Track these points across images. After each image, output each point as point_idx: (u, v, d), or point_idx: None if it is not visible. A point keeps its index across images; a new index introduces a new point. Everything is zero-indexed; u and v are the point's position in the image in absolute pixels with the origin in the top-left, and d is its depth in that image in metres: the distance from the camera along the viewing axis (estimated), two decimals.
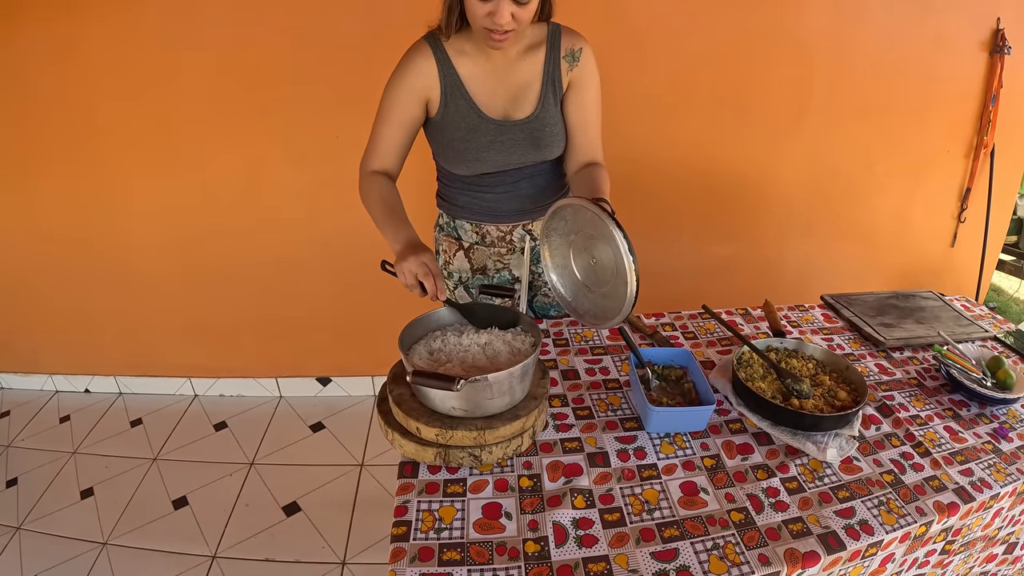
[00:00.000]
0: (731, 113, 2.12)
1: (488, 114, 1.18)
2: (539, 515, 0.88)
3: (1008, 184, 2.40)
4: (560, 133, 1.23)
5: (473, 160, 1.20)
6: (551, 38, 1.18)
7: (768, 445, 1.05)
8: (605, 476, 0.95)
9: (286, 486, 2.03)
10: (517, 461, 0.98)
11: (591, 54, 1.21)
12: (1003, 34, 2.09)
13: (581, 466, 0.97)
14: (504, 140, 1.19)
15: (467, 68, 1.16)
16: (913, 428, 1.12)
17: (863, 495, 0.95)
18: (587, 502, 0.90)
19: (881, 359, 1.36)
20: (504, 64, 1.16)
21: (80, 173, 2.11)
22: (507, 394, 0.94)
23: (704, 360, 1.30)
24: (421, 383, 0.86)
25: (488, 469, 0.96)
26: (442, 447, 0.93)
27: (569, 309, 1.14)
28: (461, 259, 1.36)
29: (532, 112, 1.19)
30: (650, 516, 0.89)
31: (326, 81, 1.96)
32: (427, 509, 0.89)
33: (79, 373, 2.51)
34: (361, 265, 2.18)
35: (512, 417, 0.95)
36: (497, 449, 0.95)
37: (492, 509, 0.89)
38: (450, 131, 1.19)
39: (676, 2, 1.94)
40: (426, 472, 0.95)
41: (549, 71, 1.18)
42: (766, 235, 2.36)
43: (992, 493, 0.97)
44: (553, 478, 0.94)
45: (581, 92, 1.22)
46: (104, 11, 1.87)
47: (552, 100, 1.19)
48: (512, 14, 0.99)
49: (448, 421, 0.93)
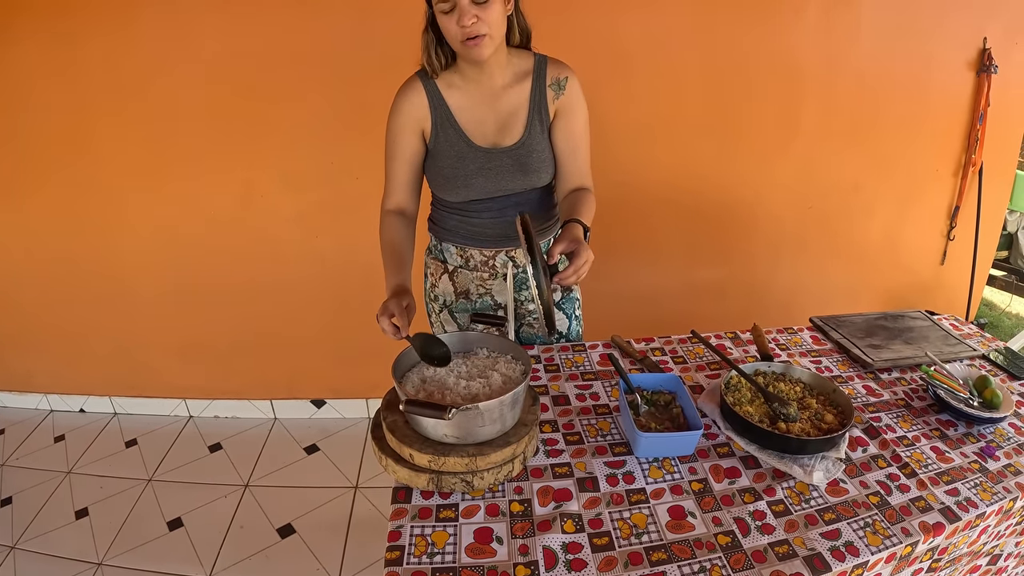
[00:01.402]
0: (721, 136, 2.17)
1: (476, 142, 1.23)
2: (529, 539, 0.90)
3: (996, 201, 2.45)
4: (547, 160, 1.27)
5: (462, 187, 1.25)
6: (537, 68, 1.24)
7: (755, 468, 1.07)
8: (594, 501, 0.98)
9: (281, 508, 2.05)
10: (508, 486, 1.00)
11: (577, 82, 1.26)
12: (989, 53, 2.15)
13: (571, 491, 1.00)
14: (492, 167, 1.23)
15: (456, 99, 1.22)
16: (900, 449, 1.14)
17: (849, 517, 0.96)
18: (576, 526, 0.92)
19: (869, 380, 1.38)
20: (491, 94, 1.22)
21: (74, 192, 2.15)
22: (498, 421, 0.97)
23: (693, 384, 1.32)
24: (414, 412, 0.89)
25: (480, 494, 0.98)
26: (435, 473, 0.96)
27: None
28: (446, 282, 1.40)
29: (519, 139, 1.24)
30: (638, 540, 0.91)
31: (320, 104, 2.01)
32: (420, 534, 0.91)
33: (74, 393, 2.53)
34: (355, 288, 2.23)
35: (503, 444, 0.98)
36: (488, 475, 0.98)
37: (483, 534, 0.91)
38: (441, 159, 1.24)
39: (665, 26, 2.00)
40: (419, 497, 0.98)
41: (535, 100, 1.24)
42: (757, 257, 2.40)
43: (978, 512, 0.99)
44: (543, 503, 0.97)
45: (568, 119, 1.26)
46: (100, 30, 1.91)
47: (539, 128, 1.24)
48: (476, 16, 1.06)
49: (440, 448, 0.96)
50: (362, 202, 2.10)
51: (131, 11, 1.88)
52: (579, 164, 1.30)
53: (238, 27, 1.91)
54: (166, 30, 1.91)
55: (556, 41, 1.34)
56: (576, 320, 1.52)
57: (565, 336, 1.51)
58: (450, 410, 0.87)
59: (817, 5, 2.03)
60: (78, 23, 1.90)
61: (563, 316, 1.49)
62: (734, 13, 2.00)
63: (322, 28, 1.91)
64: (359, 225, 2.14)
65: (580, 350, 1.42)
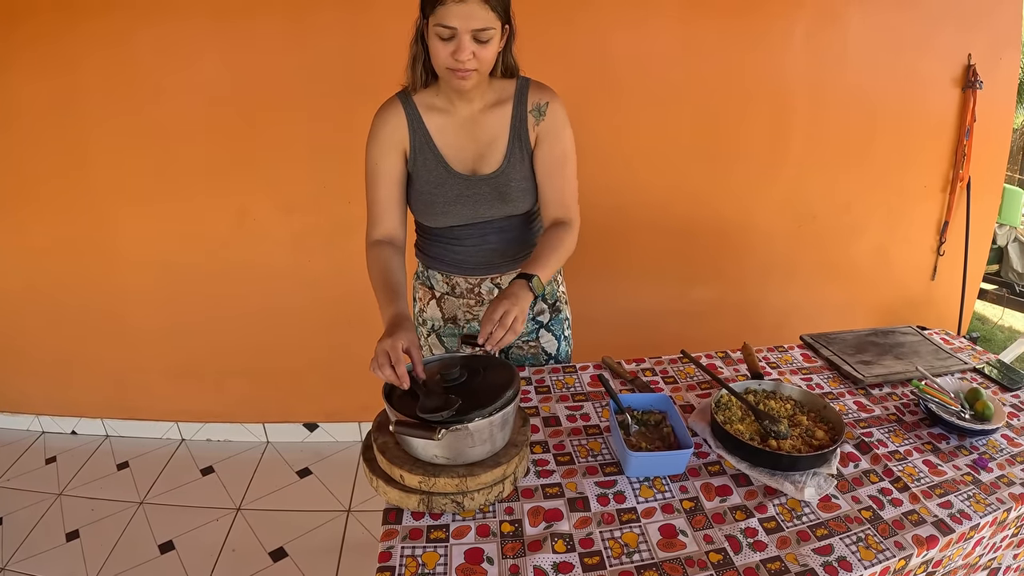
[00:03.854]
0: (711, 158, 2.21)
1: (455, 168, 1.21)
2: (520, 559, 0.91)
3: (985, 215, 2.49)
4: (528, 188, 1.25)
5: (441, 213, 1.24)
6: (519, 93, 1.21)
7: (747, 486, 1.08)
8: (585, 520, 0.99)
9: (273, 531, 2.05)
10: (499, 507, 1.01)
11: (559, 107, 1.23)
12: (974, 69, 2.21)
13: (561, 511, 1.01)
14: (471, 195, 1.22)
15: (435, 123, 1.20)
16: (891, 464, 1.15)
17: (841, 532, 0.97)
18: (567, 546, 0.94)
19: (860, 396, 1.40)
20: (471, 119, 1.20)
21: (69, 215, 2.18)
22: (488, 442, 0.99)
23: (684, 404, 1.34)
24: (404, 432, 0.91)
25: (470, 515, 1.00)
26: (425, 494, 0.98)
27: None
28: (434, 307, 1.40)
29: (498, 168, 1.22)
30: (629, 559, 0.92)
31: (313, 128, 2.05)
32: (411, 555, 0.92)
33: (66, 415, 2.53)
34: (348, 312, 2.26)
35: (493, 464, 0.99)
36: (479, 495, 0.99)
37: (474, 554, 0.92)
38: (419, 184, 1.23)
39: (654, 49, 2.05)
40: (410, 518, 0.99)
41: (515, 126, 1.21)
42: (749, 277, 2.43)
43: (972, 524, 1.00)
44: (534, 523, 0.98)
45: (549, 145, 1.23)
46: (96, 53, 1.96)
47: (519, 155, 1.22)
48: (473, 52, 1.05)
49: (431, 469, 0.98)
50: (355, 226, 2.12)
51: (127, 34, 1.93)
52: (558, 191, 1.25)
53: (233, 51, 1.95)
54: (162, 54, 1.95)
55: (544, 65, 1.38)
56: (565, 341, 1.52)
57: (554, 357, 1.51)
58: (439, 431, 0.89)
59: (804, 27, 2.09)
60: (74, 46, 1.95)
61: (551, 337, 1.49)
62: (722, 36, 2.06)
63: (315, 53, 1.96)
64: (352, 249, 2.16)
65: (571, 371, 1.44)
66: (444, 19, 1.02)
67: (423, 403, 0.94)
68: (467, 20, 1.01)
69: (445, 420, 0.91)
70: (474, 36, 1.04)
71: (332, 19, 1.92)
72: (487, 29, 1.04)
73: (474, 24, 1.02)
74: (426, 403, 0.94)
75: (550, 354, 1.50)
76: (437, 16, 1.03)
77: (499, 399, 0.97)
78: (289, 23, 1.92)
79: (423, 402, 0.94)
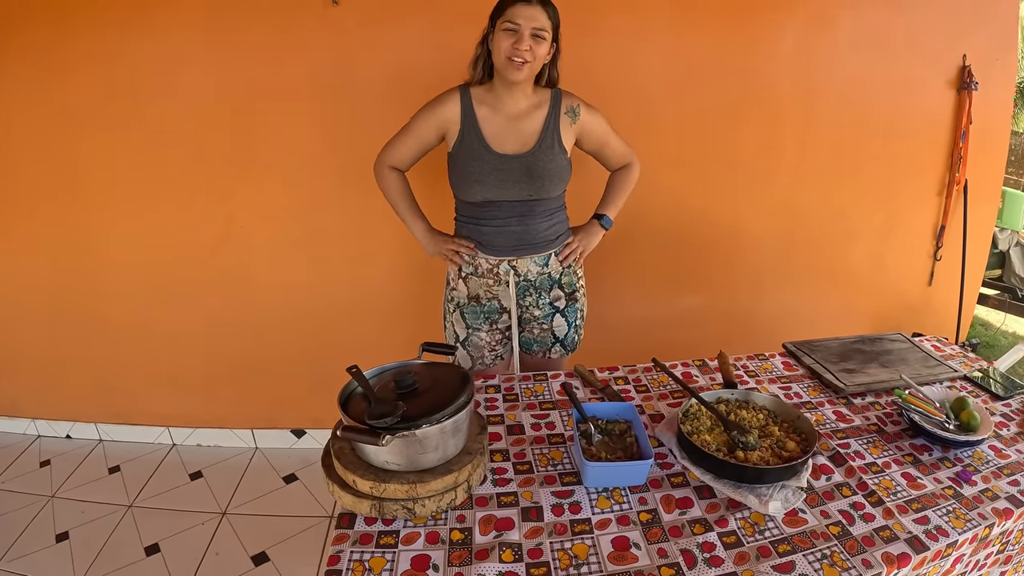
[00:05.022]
0: (702, 165, 2.21)
1: (494, 148, 1.46)
2: (466, 568, 0.92)
3: (983, 219, 2.45)
4: (555, 172, 1.49)
5: (476, 182, 1.46)
6: (554, 99, 1.51)
7: (710, 499, 1.07)
8: (536, 530, 0.99)
9: (256, 536, 2.07)
10: (452, 514, 1.02)
11: (586, 105, 1.54)
12: (969, 70, 2.19)
13: (514, 520, 1.01)
14: (503, 169, 1.45)
15: (484, 113, 1.47)
16: (867, 476, 1.13)
17: (806, 548, 0.96)
18: (515, 556, 0.94)
19: (840, 406, 1.38)
20: (514, 115, 1.47)
21: (60, 223, 2.23)
22: (439, 449, 1.00)
23: (654, 413, 1.34)
24: (350, 438, 0.93)
25: (422, 522, 1.01)
26: (376, 499, 0.99)
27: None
28: (462, 285, 1.62)
29: (529, 149, 1.47)
30: (577, 571, 0.91)
31: (296, 140, 2.08)
32: (358, 559, 0.94)
33: (61, 419, 2.59)
34: (334, 319, 2.30)
35: (444, 472, 1.01)
36: (430, 502, 1.00)
37: (420, 561, 0.93)
38: (462, 159, 1.47)
39: (642, 57, 2.05)
40: (362, 523, 1.00)
41: (550, 123, 1.49)
42: (741, 284, 2.42)
43: (949, 541, 0.97)
44: (484, 532, 0.99)
45: (591, 129, 1.56)
46: (86, 64, 2.00)
47: (549, 143, 1.48)
48: (530, 46, 1.34)
49: (382, 474, 0.99)
50: (338, 236, 2.20)
51: (117, 46, 1.98)
52: (616, 151, 1.64)
53: (219, 65, 1.99)
54: (151, 65, 2.00)
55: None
56: (574, 329, 1.71)
57: (560, 341, 1.70)
58: (384, 436, 0.91)
59: (795, 33, 2.09)
60: (65, 59, 2.00)
61: (564, 323, 1.68)
62: (713, 42, 2.06)
63: (300, 67, 2.00)
64: (336, 258, 2.24)
65: (541, 379, 1.45)
66: (512, 17, 1.33)
67: (371, 409, 0.96)
68: (530, 20, 1.33)
69: (390, 426, 0.92)
70: (533, 33, 1.34)
71: (316, 36, 1.95)
72: (543, 31, 1.35)
73: (535, 24, 1.33)
74: (374, 410, 0.95)
75: (558, 338, 1.69)
76: (506, 15, 1.34)
77: (449, 406, 0.98)
78: (275, 38, 1.96)
79: (371, 408, 0.96)
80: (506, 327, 1.66)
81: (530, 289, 1.60)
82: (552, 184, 1.50)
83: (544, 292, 1.62)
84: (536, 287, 1.61)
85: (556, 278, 1.62)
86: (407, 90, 1.87)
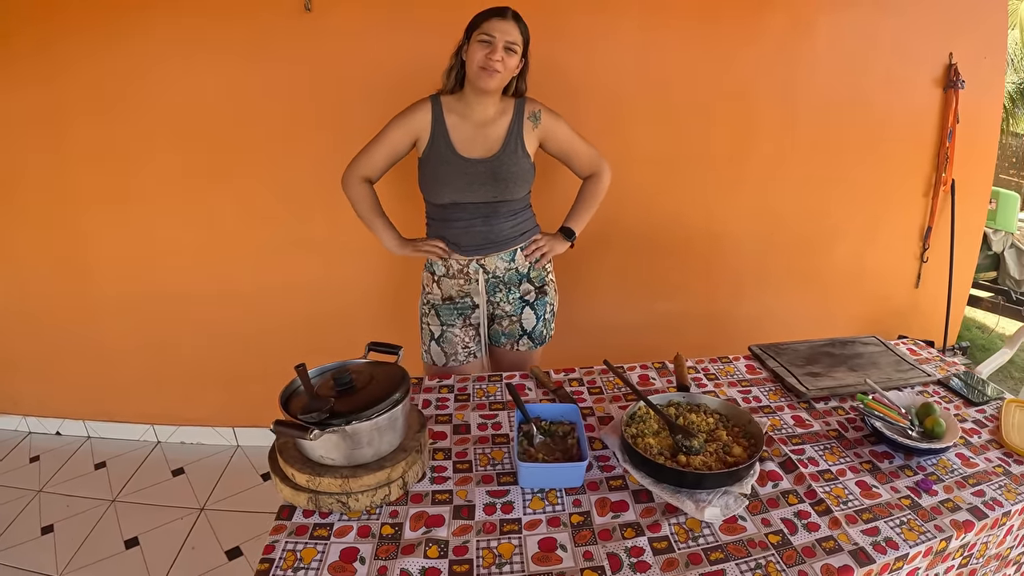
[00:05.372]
0: (675, 165, 2.21)
1: (462, 153, 1.55)
2: (391, 562, 0.94)
3: (971, 220, 2.42)
4: (519, 175, 1.58)
5: (443, 185, 1.56)
6: (517, 106, 1.60)
7: (647, 503, 1.07)
8: (465, 528, 1.01)
9: (232, 531, 2.12)
10: (386, 509, 1.05)
11: (547, 110, 1.63)
12: (956, 68, 2.17)
13: (444, 517, 1.04)
14: (469, 172, 1.54)
15: (453, 120, 1.56)
16: (817, 484, 1.11)
17: (740, 557, 0.93)
18: (441, 552, 0.96)
19: (801, 411, 1.36)
20: (482, 121, 1.56)
21: (53, 228, 2.31)
22: (372, 445, 1.03)
23: (604, 415, 1.35)
24: (281, 432, 0.97)
25: (357, 516, 1.04)
26: (312, 492, 1.03)
27: None
28: (435, 288, 1.71)
29: (494, 154, 1.56)
30: (499, 570, 0.92)
31: (276, 148, 2.15)
32: (291, 549, 0.97)
33: (52, 416, 2.66)
34: (311, 320, 2.35)
35: (377, 467, 1.04)
36: (364, 497, 1.03)
37: (349, 553, 0.96)
38: (431, 164, 1.57)
39: (610, 57, 2.07)
40: (300, 516, 1.04)
41: (513, 129, 1.59)
42: (719, 288, 2.41)
43: (899, 554, 0.94)
44: (414, 527, 1.01)
45: (553, 134, 1.65)
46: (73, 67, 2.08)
47: (513, 148, 1.57)
48: (502, 57, 1.44)
49: (318, 468, 1.03)
50: (319, 242, 2.26)
51: (105, 50, 2.05)
52: (582, 158, 1.72)
53: (198, 75, 2.06)
54: (128, 73, 2.06)
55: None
56: (543, 322, 1.78)
57: (528, 334, 1.76)
58: (312, 431, 0.94)
59: (773, 37, 2.10)
60: (54, 61, 2.07)
61: (533, 315, 1.75)
62: (680, 44, 2.07)
63: (279, 74, 2.06)
64: (313, 262, 2.29)
65: (496, 380, 1.48)
66: (488, 29, 1.44)
67: (305, 405, 0.99)
68: (504, 33, 1.45)
69: (318, 421, 0.96)
70: (506, 46, 1.45)
71: (290, 42, 2.01)
72: (515, 44, 1.47)
73: (508, 37, 1.45)
74: (307, 406, 0.99)
75: (526, 330, 1.76)
76: (482, 28, 1.45)
77: (380, 403, 1.02)
78: (253, 47, 2.02)
79: (305, 404, 0.99)
80: (479, 323, 1.72)
81: (500, 285, 1.69)
82: (516, 186, 1.59)
83: (514, 287, 1.70)
84: (505, 282, 1.69)
85: (524, 273, 1.70)
86: (381, 95, 1.93)
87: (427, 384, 1.47)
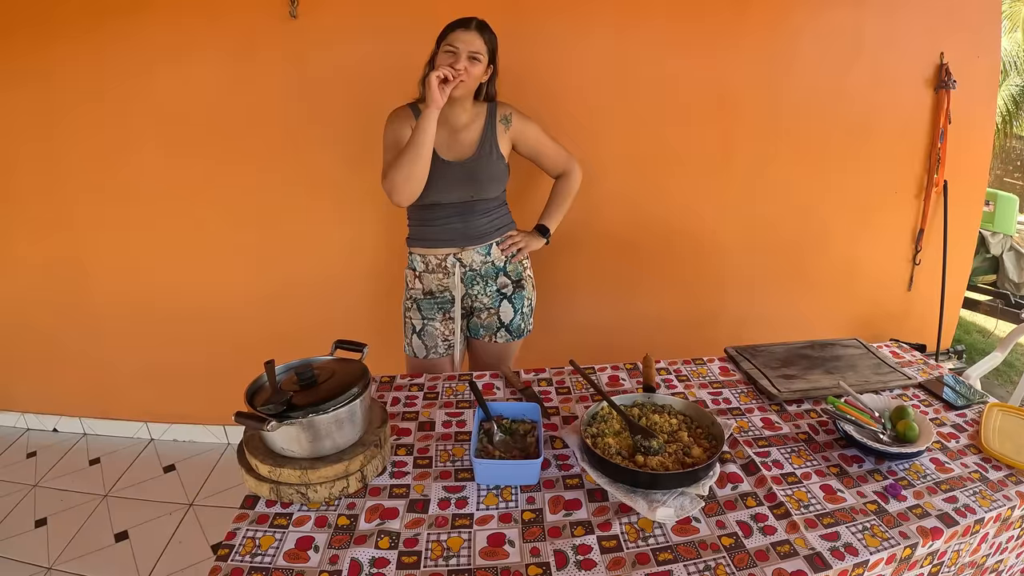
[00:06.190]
0: (652, 166, 2.23)
1: (439, 155, 1.61)
2: (343, 551, 0.99)
3: (964, 221, 2.40)
4: (494, 176, 1.69)
5: (426, 187, 1.60)
6: (489, 110, 1.70)
7: (602, 502, 1.09)
8: (418, 521, 1.06)
9: (218, 527, 2.20)
10: (345, 501, 1.11)
11: (518, 112, 1.73)
12: (947, 68, 2.16)
13: (399, 510, 1.08)
14: (447, 174, 1.63)
15: None
16: (779, 487, 1.11)
17: (689, 558, 0.94)
18: (392, 543, 1.00)
19: (771, 413, 1.38)
20: (456, 126, 1.66)
21: (50, 227, 2.40)
22: (330, 438, 1.09)
23: (569, 415, 1.39)
24: (241, 422, 1.02)
25: (316, 507, 1.09)
26: (274, 483, 1.08)
27: None
28: (416, 283, 1.79)
29: (470, 156, 1.66)
30: (446, 563, 0.96)
31: (264, 150, 2.21)
32: (251, 537, 1.02)
33: (49, 412, 2.76)
34: (300, 319, 2.42)
35: (335, 460, 1.09)
36: (323, 488, 1.09)
37: (304, 542, 1.02)
38: None
39: (588, 54, 2.09)
40: (263, 505, 1.09)
41: (487, 132, 1.69)
42: (703, 289, 2.43)
43: (858, 560, 0.94)
44: (369, 519, 1.06)
45: (524, 136, 1.75)
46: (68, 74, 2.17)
47: (487, 150, 1.67)
48: (465, 66, 1.52)
49: (280, 460, 1.09)
50: (308, 246, 2.33)
51: (101, 55, 2.13)
52: (552, 158, 1.82)
53: (189, 79, 2.13)
54: (118, 78, 2.14)
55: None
56: (520, 315, 1.85)
57: (506, 327, 1.84)
58: (269, 422, 1.00)
59: (752, 39, 2.11)
60: (50, 62, 2.15)
61: (511, 309, 1.83)
62: (654, 45, 2.09)
63: (267, 78, 2.13)
64: (303, 262, 2.36)
65: (466, 379, 1.53)
66: (452, 41, 1.54)
67: (266, 398, 1.05)
68: (467, 44, 1.53)
69: (276, 413, 1.01)
70: (470, 55, 1.54)
71: (276, 48, 2.08)
72: (478, 53, 1.55)
73: (471, 47, 1.54)
74: (268, 399, 1.05)
75: (504, 323, 1.83)
76: (448, 39, 1.54)
77: (338, 397, 1.07)
78: (239, 54, 2.09)
79: (266, 397, 1.05)
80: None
81: (477, 278, 1.77)
82: (491, 186, 1.70)
83: (491, 280, 1.78)
84: (482, 275, 1.77)
85: (500, 266, 1.79)
86: (365, 99, 1.99)
87: (398, 382, 1.52)
